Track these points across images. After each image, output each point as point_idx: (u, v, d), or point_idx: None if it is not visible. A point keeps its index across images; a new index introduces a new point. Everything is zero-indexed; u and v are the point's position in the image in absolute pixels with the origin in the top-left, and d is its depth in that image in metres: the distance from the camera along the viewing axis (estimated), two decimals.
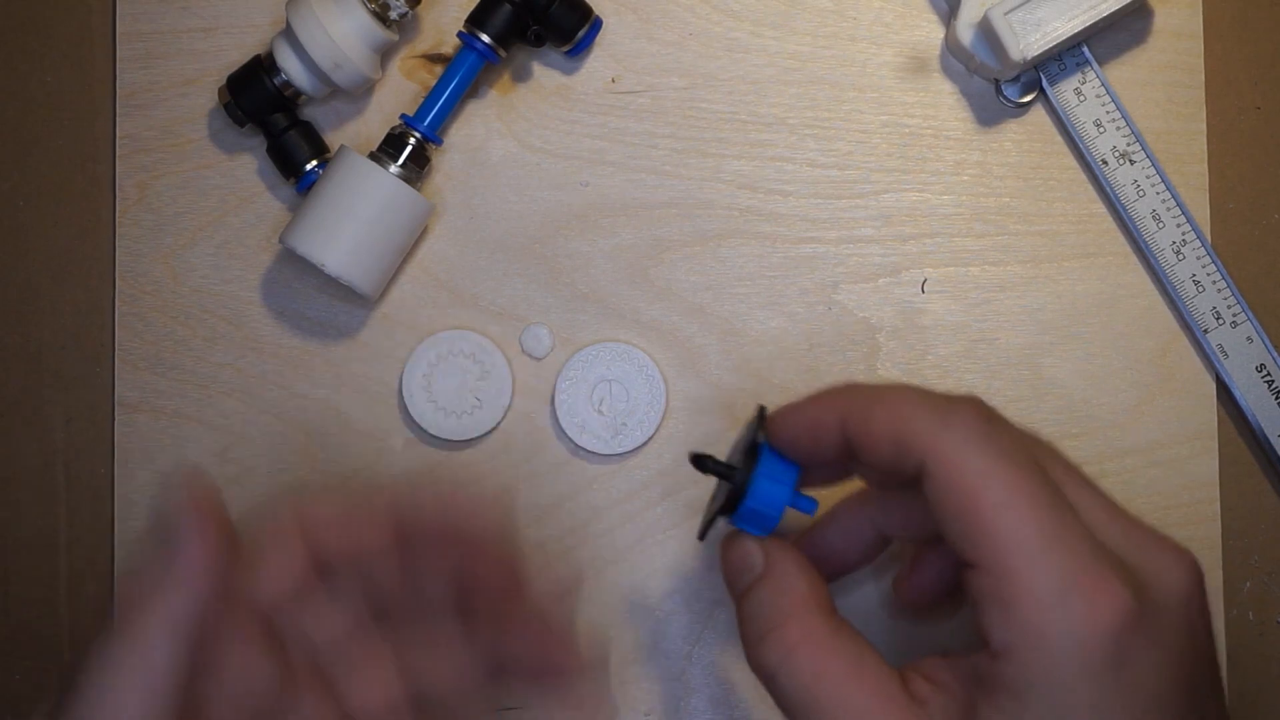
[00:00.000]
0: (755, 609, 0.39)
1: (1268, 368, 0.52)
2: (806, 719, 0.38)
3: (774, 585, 0.40)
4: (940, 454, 0.37)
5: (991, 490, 0.36)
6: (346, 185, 0.49)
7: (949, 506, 0.36)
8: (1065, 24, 0.50)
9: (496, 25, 0.50)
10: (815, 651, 0.38)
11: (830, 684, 0.37)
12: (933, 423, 0.37)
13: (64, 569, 0.52)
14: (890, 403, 0.38)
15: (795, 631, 0.38)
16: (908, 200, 0.53)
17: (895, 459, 0.38)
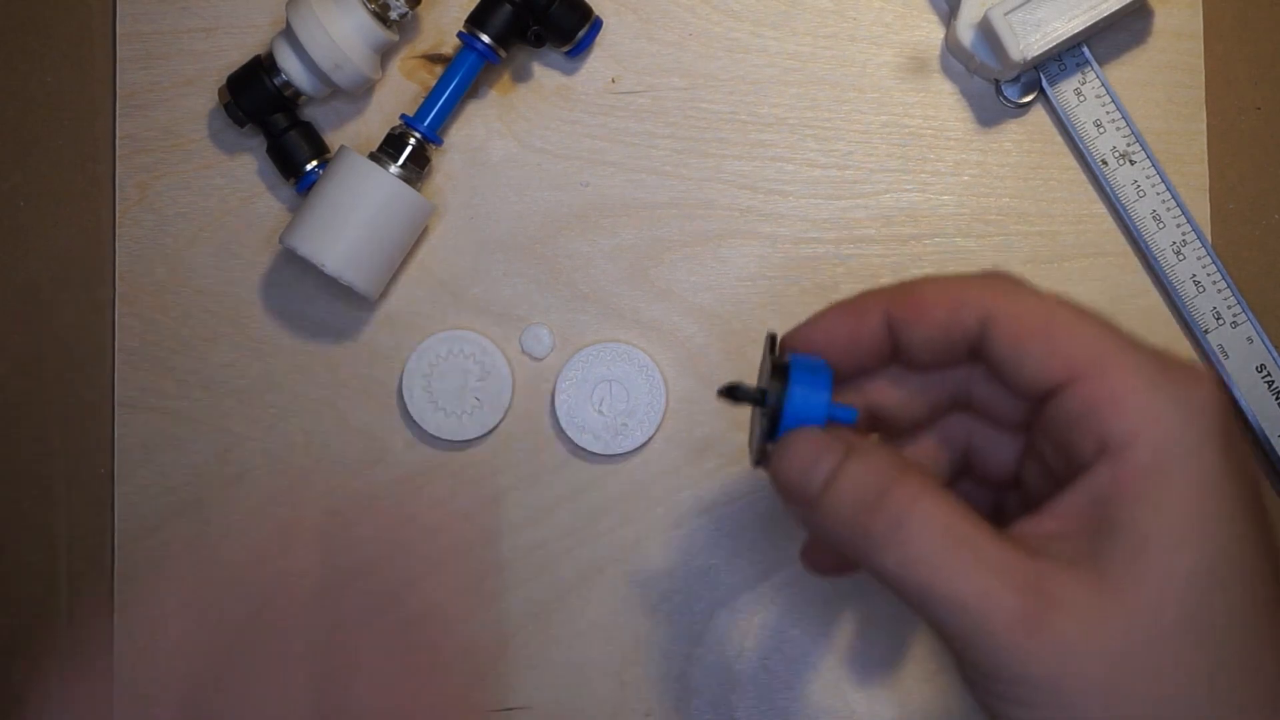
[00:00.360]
0: (860, 476, 0.37)
1: (1268, 368, 0.52)
2: (939, 571, 0.36)
3: (870, 453, 0.38)
4: (1002, 298, 0.38)
5: (1061, 313, 0.37)
6: (347, 185, 0.49)
7: (1027, 336, 0.37)
8: (1065, 24, 0.50)
9: (496, 25, 0.50)
10: (941, 500, 0.37)
11: (964, 530, 0.36)
12: (982, 281, 0.39)
13: (64, 569, 0.52)
14: (934, 280, 0.39)
15: (916, 482, 0.37)
16: (908, 200, 0.53)
17: (952, 322, 0.38)
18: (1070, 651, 0.34)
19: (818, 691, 0.52)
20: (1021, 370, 0.38)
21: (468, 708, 0.51)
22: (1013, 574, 0.35)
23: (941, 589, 0.35)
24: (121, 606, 0.52)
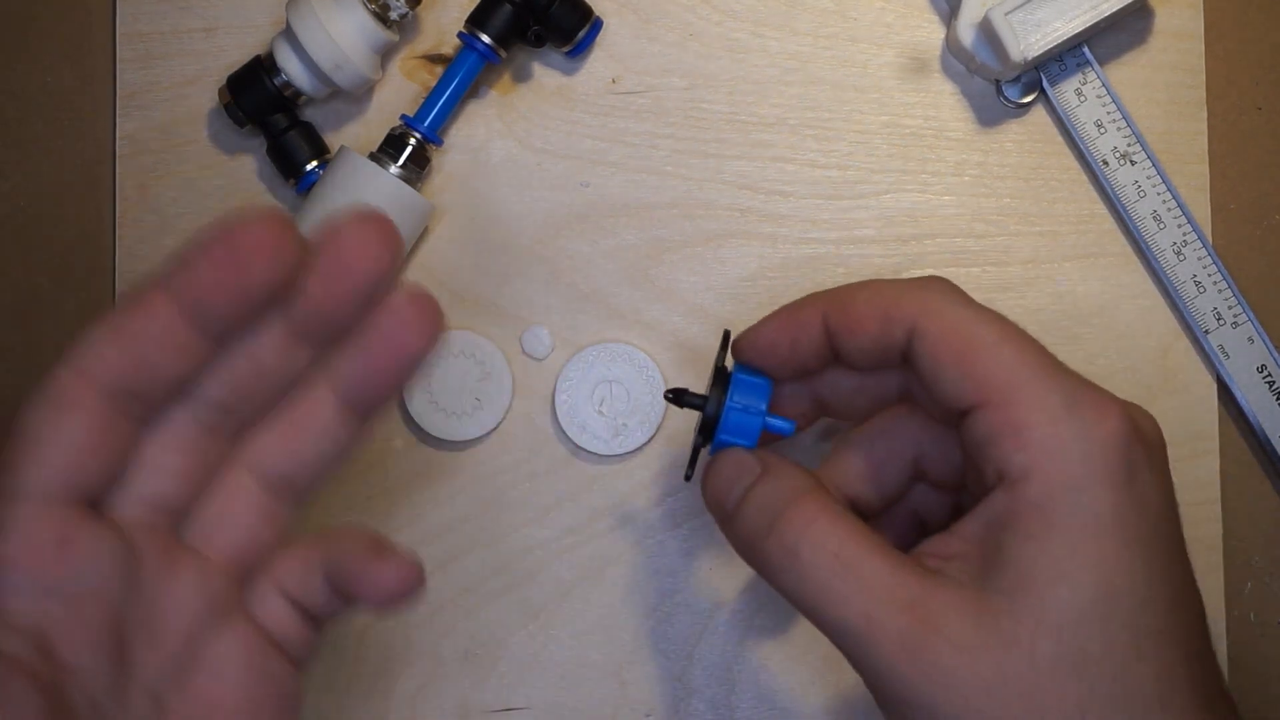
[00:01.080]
0: (763, 499, 0.39)
1: (1269, 368, 0.52)
2: (827, 594, 0.37)
3: (779, 475, 0.40)
4: (928, 312, 0.38)
5: (982, 333, 0.38)
6: (347, 186, 0.49)
7: (945, 355, 0.38)
8: (1066, 24, 0.50)
9: (497, 25, 0.50)
10: (835, 523, 0.38)
11: (853, 553, 0.37)
12: (914, 290, 0.39)
13: None
14: (869, 287, 0.40)
15: (813, 505, 0.38)
16: (908, 201, 0.53)
17: (883, 333, 0.39)
18: (947, 678, 0.36)
19: (818, 692, 0.52)
20: (938, 388, 0.38)
21: (468, 708, 0.51)
22: (898, 599, 0.36)
23: (829, 612, 0.37)
24: None
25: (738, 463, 0.41)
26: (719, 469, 0.41)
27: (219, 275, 0.33)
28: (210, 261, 0.33)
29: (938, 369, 0.38)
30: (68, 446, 0.33)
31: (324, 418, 0.36)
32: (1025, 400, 0.37)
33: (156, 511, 0.35)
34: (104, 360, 0.33)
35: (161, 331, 0.33)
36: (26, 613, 0.32)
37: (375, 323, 0.35)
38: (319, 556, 0.37)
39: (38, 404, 0.33)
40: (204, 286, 0.33)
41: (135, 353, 0.33)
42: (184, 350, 0.33)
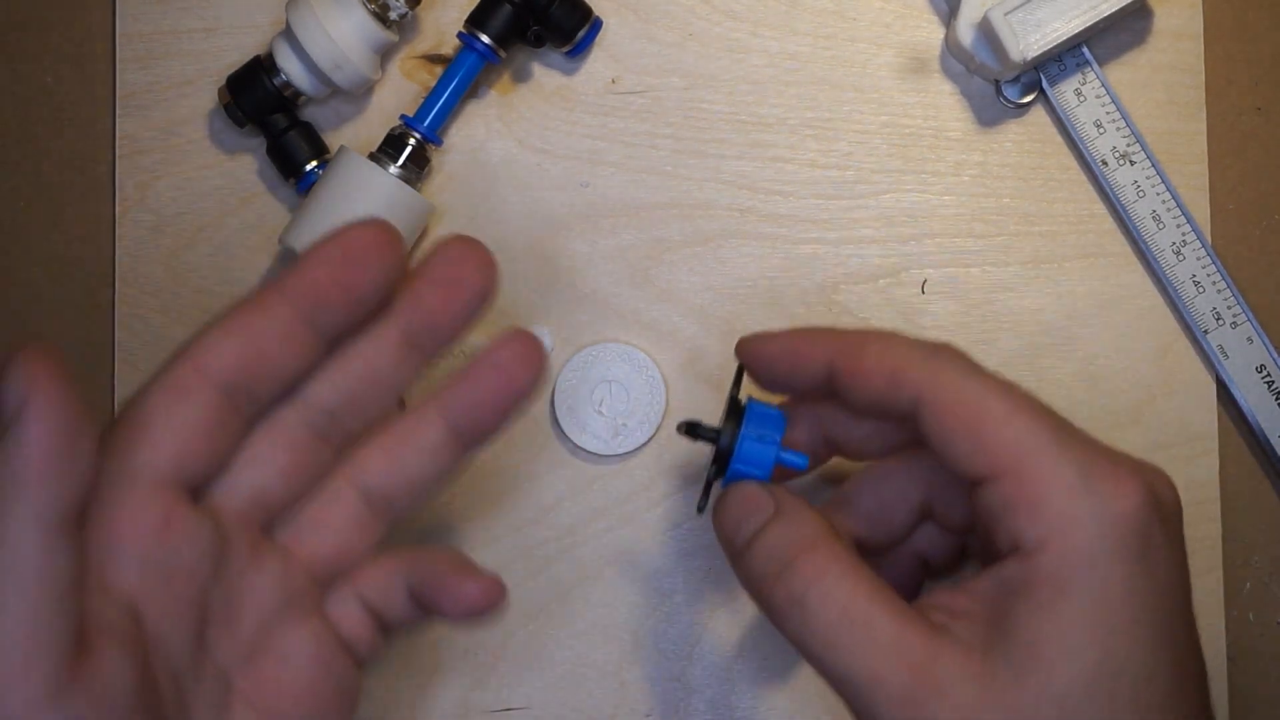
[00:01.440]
0: (774, 542, 0.39)
1: (1268, 368, 0.52)
2: (833, 647, 0.37)
3: (792, 519, 0.39)
4: (938, 381, 0.38)
5: (994, 405, 0.38)
6: (347, 186, 0.49)
7: (955, 427, 0.38)
8: (1065, 24, 0.50)
9: (496, 26, 0.50)
10: (845, 576, 0.38)
11: (861, 608, 0.37)
12: (924, 357, 0.39)
13: None
14: (882, 342, 0.40)
15: (823, 555, 0.38)
16: (908, 201, 0.53)
17: (888, 393, 0.39)
18: None
19: (818, 692, 0.52)
20: (949, 457, 0.38)
21: (468, 708, 0.51)
22: (903, 655, 0.37)
23: (833, 664, 0.37)
24: None
25: (751, 498, 0.40)
26: (731, 502, 0.41)
27: (332, 274, 0.36)
28: (324, 262, 0.36)
29: (947, 441, 0.38)
30: (179, 434, 0.35)
31: (431, 442, 0.39)
32: (1039, 473, 0.37)
33: (254, 505, 0.37)
34: (221, 355, 0.35)
35: (277, 329, 0.36)
36: (125, 584, 0.34)
37: (487, 355, 0.38)
38: (404, 569, 0.39)
39: (154, 391, 0.35)
40: (318, 285, 0.36)
41: (251, 349, 0.35)
42: (297, 348, 0.36)
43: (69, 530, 0.32)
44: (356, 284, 0.36)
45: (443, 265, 0.38)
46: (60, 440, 0.32)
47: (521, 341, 0.38)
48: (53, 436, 0.31)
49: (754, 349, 0.42)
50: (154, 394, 0.35)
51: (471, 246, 0.38)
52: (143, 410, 0.35)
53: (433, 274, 0.38)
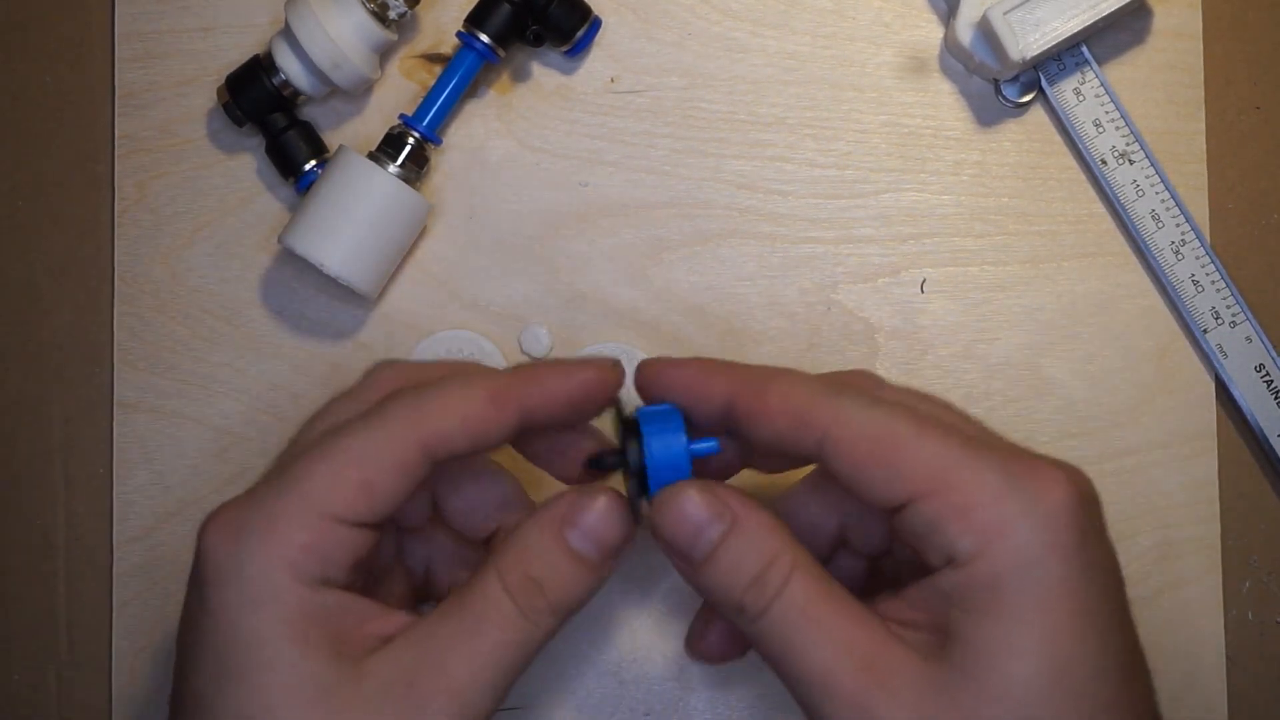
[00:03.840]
0: (736, 558, 0.38)
1: (1267, 368, 0.52)
2: (789, 647, 0.37)
3: (752, 529, 0.39)
4: (841, 419, 0.38)
5: (904, 429, 0.37)
6: (346, 185, 0.49)
7: (865, 460, 0.37)
8: (1064, 24, 0.50)
9: (495, 25, 0.50)
10: (803, 580, 0.38)
11: (816, 610, 0.37)
12: (827, 395, 0.38)
13: (63, 569, 0.52)
14: (784, 382, 0.39)
15: (787, 564, 0.38)
16: (907, 200, 0.53)
17: (793, 433, 0.39)
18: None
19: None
20: (864, 491, 0.38)
21: None
22: (857, 657, 0.37)
23: (789, 665, 0.37)
24: (120, 606, 0.52)
25: (705, 507, 0.39)
26: (680, 511, 0.39)
27: (567, 399, 0.40)
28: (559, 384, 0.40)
29: (860, 474, 0.38)
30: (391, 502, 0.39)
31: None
32: (962, 483, 0.37)
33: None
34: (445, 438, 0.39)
35: (500, 431, 0.40)
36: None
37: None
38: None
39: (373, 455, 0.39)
40: (548, 401, 0.40)
41: (470, 438, 0.39)
42: (503, 438, 0.40)
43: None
44: (576, 416, 0.41)
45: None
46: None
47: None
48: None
49: (654, 376, 0.41)
50: (385, 470, 0.38)
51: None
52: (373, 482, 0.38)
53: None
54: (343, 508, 0.38)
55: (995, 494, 0.36)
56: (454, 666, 0.38)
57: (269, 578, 0.37)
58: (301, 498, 0.38)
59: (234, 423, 0.52)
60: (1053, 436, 0.52)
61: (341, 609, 0.38)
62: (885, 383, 0.42)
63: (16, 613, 0.52)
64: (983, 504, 0.36)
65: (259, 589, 0.37)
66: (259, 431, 0.52)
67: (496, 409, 0.39)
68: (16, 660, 0.52)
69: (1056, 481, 0.37)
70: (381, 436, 0.39)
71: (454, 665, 0.38)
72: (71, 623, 0.52)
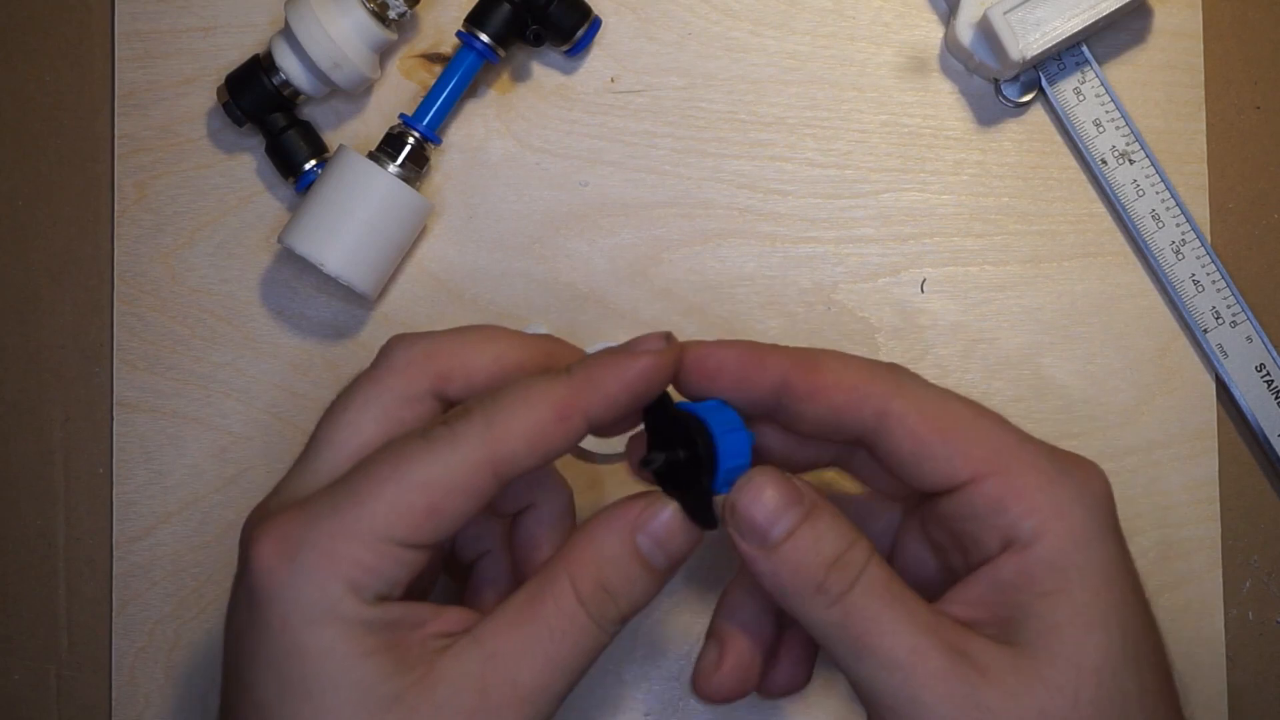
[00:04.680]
0: (813, 543, 0.38)
1: (1267, 367, 0.52)
2: (875, 625, 0.37)
3: (826, 515, 0.39)
4: (902, 393, 0.39)
5: (959, 412, 0.39)
6: (346, 185, 0.49)
7: (930, 433, 0.38)
8: (1065, 23, 0.50)
9: (495, 25, 0.50)
10: (883, 566, 0.38)
11: (900, 590, 0.38)
12: (883, 372, 0.39)
13: (62, 568, 0.52)
14: (837, 359, 0.40)
15: (863, 550, 0.38)
16: (907, 200, 0.53)
17: (847, 410, 0.39)
18: (991, 716, 0.36)
19: (817, 691, 0.51)
20: (921, 468, 0.38)
21: None
22: (943, 636, 0.37)
23: (876, 643, 0.37)
24: (120, 606, 0.52)
25: (786, 493, 0.39)
26: (758, 495, 0.39)
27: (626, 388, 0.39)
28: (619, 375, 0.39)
29: (921, 449, 0.38)
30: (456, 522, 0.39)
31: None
32: (1020, 468, 0.38)
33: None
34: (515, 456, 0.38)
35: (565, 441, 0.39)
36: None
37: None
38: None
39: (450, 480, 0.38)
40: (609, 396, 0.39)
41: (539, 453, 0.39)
42: (572, 443, 0.39)
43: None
44: (641, 399, 0.40)
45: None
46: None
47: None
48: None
49: (700, 356, 0.41)
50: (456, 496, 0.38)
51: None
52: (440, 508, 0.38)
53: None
54: (407, 533, 0.38)
55: (1051, 478, 0.38)
56: (527, 676, 0.38)
57: (328, 595, 0.37)
58: (364, 520, 0.37)
59: (234, 422, 0.52)
60: (1053, 436, 0.52)
61: (399, 619, 0.38)
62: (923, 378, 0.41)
63: (16, 613, 0.52)
64: (1040, 488, 0.37)
65: (319, 607, 0.37)
66: (259, 431, 0.52)
67: (563, 424, 0.38)
68: (16, 660, 0.52)
69: (1094, 473, 0.39)
70: (454, 462, 0.38)
71: (527, 674, 0.38)
72: (71, 623, 0.52)
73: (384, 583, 0.38)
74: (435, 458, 0.38)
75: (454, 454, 0.38)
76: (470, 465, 0.38)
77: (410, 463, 0.38)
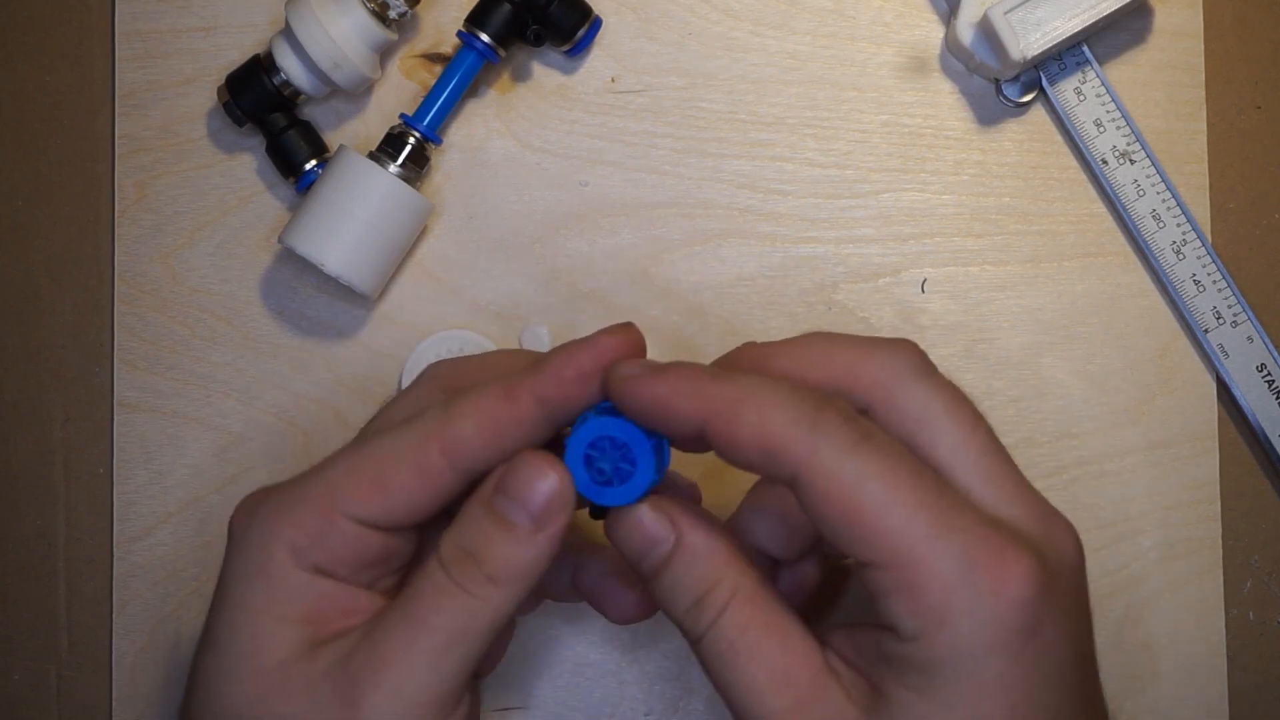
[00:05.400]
0: (678, 580, 0.39)
1: (1268, 367, 0.52)
2: (731, 676, 0.37)
3: (692, 554, 0.39)
4: (813, 466, 0.36)
5: (872, 492, 0.36)
6: (346, 185, 0.49)
7: (831, 516, 0.36)
8: (1065, 23, 0.50)
9: (496, 25, 0.50)
10: (741, 609, 0.38)
11: (751, 641, 0.37)
12: (803, 429, 0.36)
13: (62, 568, 0.52)
14: (756, 406, 0.37)
15: (724, 592, 0.38)
16: (907, 200, 0.53)
17: (764, 466, 0.37)
18: None
19: None
20: (828, 537, 0.37)
21: None
22: (789, 694, 0.37)
23: (723, 691, 0.38)
24: (120, 606, 0.52)
25: (654, 524, 0.39)
26: (631, 535, 0.39)
27: (581, 380, 0.39)
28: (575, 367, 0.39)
29: (824, 525, 0.37)
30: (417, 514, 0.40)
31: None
32: (919, 566, 0.35)
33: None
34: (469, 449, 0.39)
35: (522, 429, 0.39)
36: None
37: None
38: (574, 560, 0.44)
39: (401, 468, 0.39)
40: (566, 388, 0.39)
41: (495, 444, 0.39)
42: (531, 437, 0.39)
43: None
44: (595, 385, 0.39)
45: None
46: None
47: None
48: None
49: (627, 390, 0.39)
50: (401, 470, 0.38)
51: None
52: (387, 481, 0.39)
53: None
54: (355, 504, 0.38)
55: (947, 584, 0.35)
56: (388, 644, 0.38)
57: (267, 553, 0.39)
58: (318, 488, 0.39)
59: (234, 423, 0.52)
60: (1053, 436, 0.52)
61: (327, 595, 0.39)
62: (922, 372, 0.39)
63: (16, 613, 0.52)
64: (933, 590, 0.35)
65: (255, 562, 0.39)
66: (259, 431, 0.52)
67: (510, 402, 0.38)
68: (16, 660, 0.52)
69: (1017, 571, 0.35)
70: (404, 437, 0.39)
71: (389, 643, 0.38)
72: (71, 623, 0.52)
73: (324, 553, 0.39)
74: (391, 435, 0.39)
75: (408, 431, 0.39)
76: (417, 441, 0.38)
77: (371, 442, 0.39)
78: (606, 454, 0.39)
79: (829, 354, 0.39)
